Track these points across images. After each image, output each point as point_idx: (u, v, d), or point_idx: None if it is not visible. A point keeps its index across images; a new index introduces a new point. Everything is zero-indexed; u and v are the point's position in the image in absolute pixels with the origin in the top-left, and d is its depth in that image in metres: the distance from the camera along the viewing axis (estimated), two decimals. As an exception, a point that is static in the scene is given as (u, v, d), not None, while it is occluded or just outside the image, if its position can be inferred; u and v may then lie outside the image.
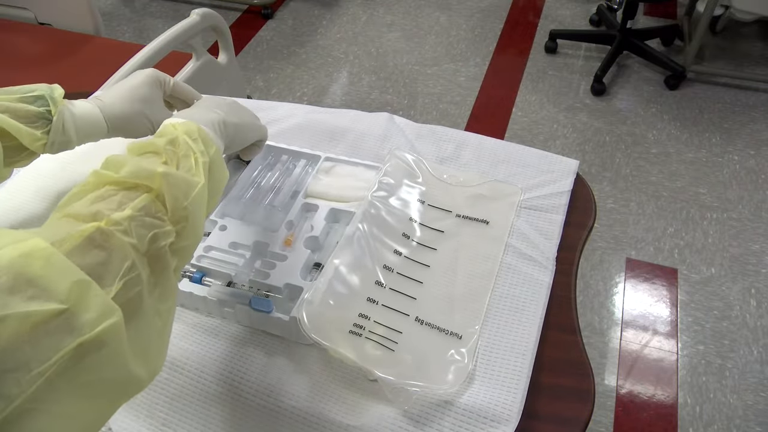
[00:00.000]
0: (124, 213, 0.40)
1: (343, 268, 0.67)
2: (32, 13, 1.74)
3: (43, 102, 0.62)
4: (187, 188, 0.46)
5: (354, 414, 0.58)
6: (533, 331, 0.63)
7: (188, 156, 0.49)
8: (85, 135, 0.65)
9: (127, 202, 0.42)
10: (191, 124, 0.53)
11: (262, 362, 0.63)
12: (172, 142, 0.49)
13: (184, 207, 0.44)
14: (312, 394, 0.60)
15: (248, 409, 0.59)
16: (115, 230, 0.39)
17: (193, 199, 0.46)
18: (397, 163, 0.80)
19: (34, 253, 0.34)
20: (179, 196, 0.45)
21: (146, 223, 0.41)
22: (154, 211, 0.43)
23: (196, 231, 0.46)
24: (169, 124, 0.53)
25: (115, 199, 0.42)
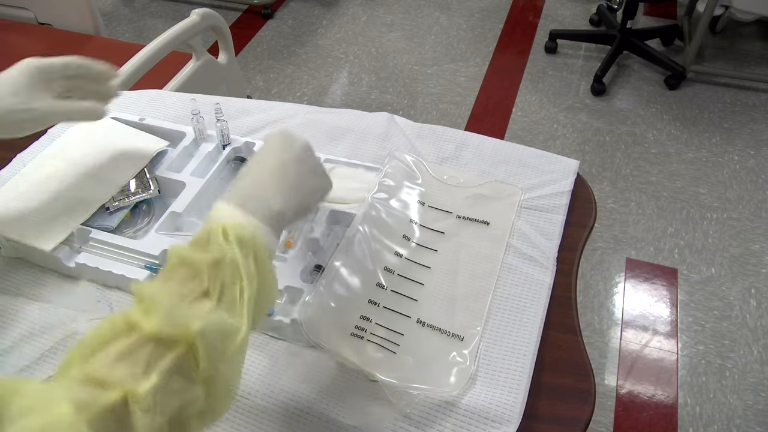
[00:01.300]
0: (149, 383, 0.37)
1: (343, 270, 0.67)
2: (32, 13, 1.74)
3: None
4: (225, 345, 0.41)
5: (354, 414, 0.58)
6: (534, 331, 0.63)
7: (234, 284, 0.43)
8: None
9: (155, 361, 0.38)
10: (245, 228, 0.46)
11: (262, 364, 0.63)
12: (217, 264, 0.43)
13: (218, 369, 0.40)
14: (313, 394, 0.60)
15: (249, 410, 0.59)
16: (138, 407, 0.36)
17: (231, 357, 0.41)
18: (397, 165, 0.80)
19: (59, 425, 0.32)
20: (214, 355, 0.40)
21: (173, 390, 0.38)
22: (186, 368, 0.39)
23: (229, 391, 0.42)
24: (218, 226, 0.45)
25: (142, 357, 0.38)
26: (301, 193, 0.54)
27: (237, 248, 0.44)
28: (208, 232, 0.46)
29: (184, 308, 0.41)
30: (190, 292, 0.42)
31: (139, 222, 0.76)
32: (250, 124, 0.88)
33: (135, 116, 0.89)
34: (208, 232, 0.46)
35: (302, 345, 0.64)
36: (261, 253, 0.46)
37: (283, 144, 0.56)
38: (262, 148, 0.56)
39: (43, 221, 0.73)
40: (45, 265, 0.73)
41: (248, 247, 0.45)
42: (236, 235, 0.45)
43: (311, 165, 0.57)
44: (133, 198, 0.76)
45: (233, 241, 0.44)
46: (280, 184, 0.52)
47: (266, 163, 0.54)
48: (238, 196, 0.49)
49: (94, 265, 0.68)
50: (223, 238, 0.45)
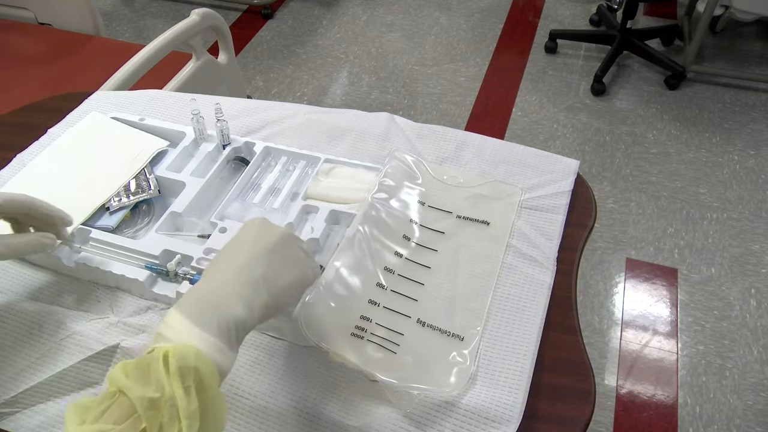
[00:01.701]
0: None
1: (344, 270, 0.67)
2: (32, 13, 1.74)
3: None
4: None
5: (355, 414, 0.58)
6: (534, 331, 0.63)
7: (173, 426, 0.40)
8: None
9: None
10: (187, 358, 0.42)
11: (262, 363, 0.63)
12: (154, 404, 0.40)
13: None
14: (313, 394, 0.60)
15: (249, 410, 0.59)
16: None
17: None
18: (397, 165, 0.80)
19: None
20: None
21: None
22: None
23: None
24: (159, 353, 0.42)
25: None
26: (276, 287, 0.50)
27: (178, 382, 0.41)
28: (149, 359, 0.42)
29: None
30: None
31: (139, 222, 0.76)
32: (250, 124, 0.88)
33: (135, 116, 0.89)
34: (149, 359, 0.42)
35: (302, 345, 0.64)
36: (207, 381, 0.42)
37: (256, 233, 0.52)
38: (234, 237, 0.53)
39: (43, 221, 0.73)
40: (45, 265, 0.73)
41: (190, 377, 0.41)
42: (177, 365, 0.41)
43: (287, 256, 0.52)
44: (133, 198, 0.76)
45: (174, 373, 0.41)
46: (244, 284, 0.48)
47: (233, 257, 0.50)
48: (194, 303, 0.46)
49: (94, 265, 0.68)
50: (163, 367, 0.41)
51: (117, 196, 0.76)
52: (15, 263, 0.74)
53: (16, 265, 0.73)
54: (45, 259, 0.72)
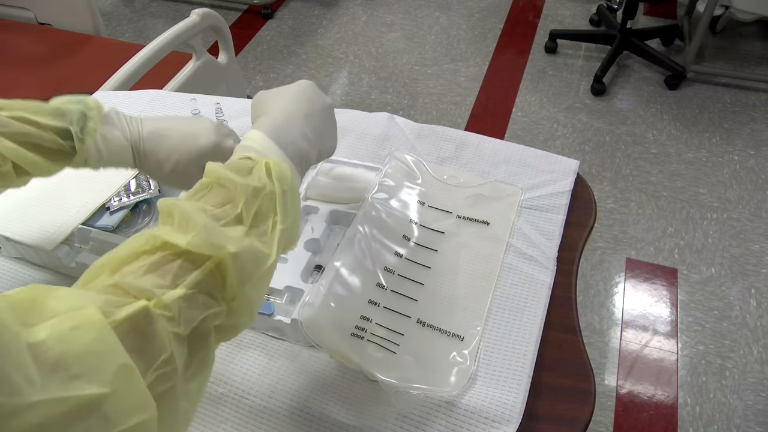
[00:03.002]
0: (175, 293, 0.37)
1: (344, 270, 0.67)
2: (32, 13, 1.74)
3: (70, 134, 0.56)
4: (254, 269, 0.42)
5: (355, 414, 0.58)
6: (534, 331, 0.63)
7: (268, 217, 0.45)
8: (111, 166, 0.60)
9: (183, 275, 0.39)
10: (286, 169, 0.47)
11: (262, 363, 0.63)
12: (257, 193, 0.44)
13: (245, 290, 0.41)
14: (313, 394, 0.60)
15: (249, 410, 0.59)
16: (162, 315, 0.36)
17: (257, 280, 0.42)
18: (397, 165, 0.80)
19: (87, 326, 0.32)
20: (243, 278, 0.41)
21: (198, 304, 0.39)
22: (211, 286, 0.40)
23: (251, 311, 0.43)
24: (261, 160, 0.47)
25: (170, 270, 0.39)
26: (323, 141, 0.57)
27: (278, 183, 0.46)
28: (248, 163, 0.46)
29: (220, 229, 0.41)
30: (225, 215, 0.43)
31: (139, 222, 0.76)
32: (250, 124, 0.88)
33: (135, 116, 0.88)
34: (247, 163, 0.46)
35: (302, 345, 0.64)
36: (295, 193, 0.48)
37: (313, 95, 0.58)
38: (292, 87, 0.57)
39: (43, 221, 0.73)
40: (45, 265, 0.73)
41: (287, 184, 0.46)
42: (278, 172, 0.46)
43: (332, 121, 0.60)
44: (133, 198, 0.76)
45: (275, 177, 0.46)
46: (309, 128, 0.54)
47: (296, 103, 0.55)
48: (272, 128, 0.51)
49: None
50: (265, 171, 0.46)
51: (117, 196, 0.76)
52: (15, 263, 0.74)
53: (16, 265, 0.73)
54: (45, 259, 0.72)
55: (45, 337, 0.31)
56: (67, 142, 0.56)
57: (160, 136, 0.60)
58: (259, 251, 0.43)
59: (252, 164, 0.46)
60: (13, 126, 0.53)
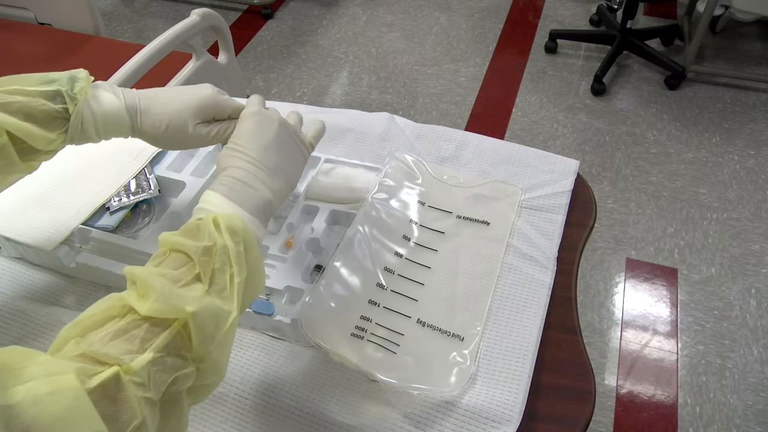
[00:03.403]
0: (144, 357, 0.38)
1: (344, 270, 0.67)
2: (32, 13, 1.74)
3: (62, 99, 0.55)
4: (216, 327, 0.42)
5: (355, 414, 0.58)
6: (534, 331, 0.63)
7: (224, 271, 0.45)
8: (108, 133, 0.59)
9: (150, 338, 0.39)
10: (236, 219, 0.47)
11: (263, 363, 0.63)
12: (208, 251, 0.44)
13: (209, 350, 0.42)
14: (313, 394, 0.60)
15: (249, 410, 0.59)
16: (132, 381, 0.37)
17: (222, 338, 0.43)
18: (397, 165, 0.80)
19: (63, 392, 0.32)
20: (206, 338, 0.41)
21: (167, 366, 0.39)
22: (179, 347, 0.40)
23: (218, 371, 0.44)
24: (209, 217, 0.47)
25: (137, 335, 0.39)
26: (286, 174, 0.56)
27: (228, 236, 0.46)
28: (198, 223, 0.47)
29: (177, 291, 0.42)
30: (183, 277, 0.43)
31: (139, 222, 0.76)
32: (250, 124, 0.88)
33: (135, 116, 0.88)
34: (198, 223, 0.47)
35: (302, 345, 0.64)
36: (250, 242, 0.47)
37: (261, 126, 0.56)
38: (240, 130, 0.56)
39: (43, 221, 0.73)
40: (45, 265, 0.73)
41: (239, 235, 0.46)
42: (227, 225, 0.46)
43: (289, 143, 0.58)
44: (134, 198, 0.76)
45: (224, 230, 0.46)
46: (264, 171, 0.53)
47: (249, 150, 0.54)
48: (225, 187, 0.51)
49: (94, 265, 0.68)
50: (214, 227, 0.46)
51: (117, 196, 0.76)
52: (15, 263, 0.74)
53: (16, 265, 0.73)
54: (45, 259, 0.72)
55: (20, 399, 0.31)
56: (59, 106, 0.55)
57: (155, 93, 0.60)
58: (219, 308, 0.43)
59: (201, 222, 0.47)
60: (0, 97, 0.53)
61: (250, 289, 0.48)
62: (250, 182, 0.52)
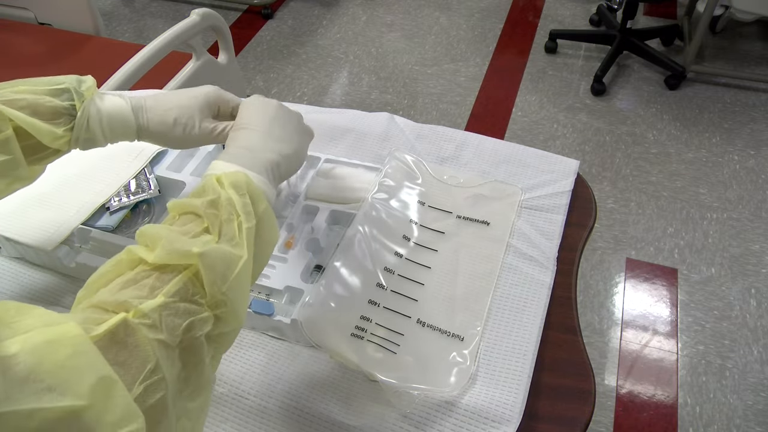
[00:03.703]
0: (154, 302, 0.37)
1: (344, 271, 0.67)
2: (32, 13, 1.74)
3: (69, 96, 0.56)
4: (227, 268, 0.42)
5: (355, 414, 0.58)
6: (534, 331, 0.63)
7: (231, 220, 0.45)
8: (114, 134, 0.59)
9: (160, 286, 0.39)
10: (239, 175, 0.48)
11: (262, 363, 0.63)
12: (213, 204, 0.45)
13: (224, 292, 0.41)
14: (313, 394, 0.60)
15: (248, 410, 0.59)
16: (142, 324, 0.36)
17: (234, 280, 0.42)
18: (398, 165, 0.80)
19: (63, 341, 0.32)
20: (217, 279, 0.41)
21: (180, 311, 0.38)
22: (191, 293, 0.40)
23: (237, 315, 0.43)
24: (212, 176, 0.48)
25: (147, 283, 0.39)
26: (291, 143, 0.58)
27: (233, 190, 0.46)
28: (203, 183, 0.48)
29: (182, 238, 0.42)
30: (191, 230, 0.44)
31: (139, 222, 0.76)
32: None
33: (135, 116, 0.88)
34: (202, 183, 0.48)
35: (302, 345, 0.64)
36: (256, 195, 0.48)
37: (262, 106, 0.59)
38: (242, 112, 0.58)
39: (43, 221, 0.73)
40: (45, 265, 0.73)
41: (243, 189, 0.47)
42: (230, 181, 0.47)
43: (291, 118, 0.60)
44: (134, 198, 0.76)
45: (227, 185, 0.47)
46: (270, 139, 0.55)
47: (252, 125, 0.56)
48: (231, 155, 0.52)
49: (94, 265, 0.68)
50: (218, 184, 0.47)
51: (117, 196, 0.76)
52: (15, 263, 0.74)
53: (16, 265, 0.73)
54: (45, 259, 0.72)
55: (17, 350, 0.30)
56: (66, 102, 0.56)
57: (161, 94, 0.62)
58: (228, 251, 0.43)
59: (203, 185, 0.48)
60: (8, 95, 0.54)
61: (262, 239, 0.47)
62: (257, 148, 0.53)
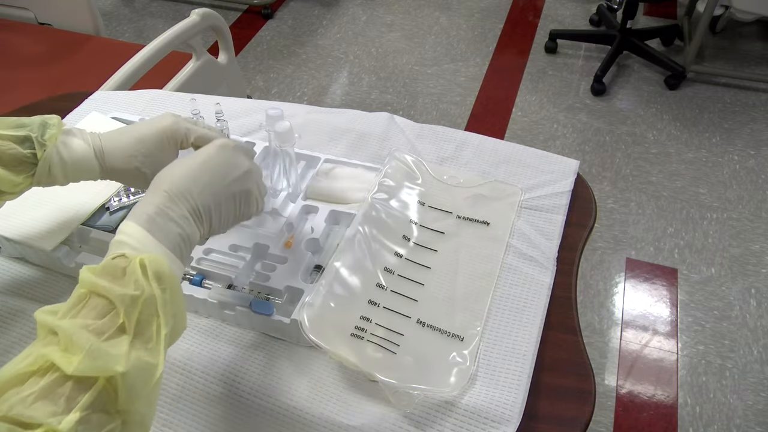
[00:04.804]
0: (71, 419, 0.37)
1: (343, 271, 0.67)
2: (32, 13, 1.74)
3: (31, 144, 0.57)
4: (143, 384, 0.42)
5: (354, 414, 0.58)
6: (534, 331, 0.63)
7: (150, 323, 0.43)
8: (76, 177, 0.60)
9: (76, 397, 0.38)
10: (162, 263, 0.45)
11: (262, 363, 0.63)
12: (135, 302, 0.42)
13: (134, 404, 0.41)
14: (312, 394, 0.60)
15: (249, 410, 0.59)
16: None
17: (149, 392, 0.42)
18: (397, 165, 0.80)
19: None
20: (132, 395, 0.41)
21: (93, 424, 0.39)
22: (104, 402, 0.40)
23: (144, 423, 0.43)
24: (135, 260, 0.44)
25: (62, 393, 0.38)
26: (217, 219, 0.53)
27: (156, 284, 0.44)
28: (124, 265, 0.44)
29: (104, 348, 0.40)
30: (107, 328, 0.41)
31: (139, 222, 0.76)
32: (250, 124, 0.89)
33: (135, 116, 0.89)
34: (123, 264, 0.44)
35: (302, 345, 0.64)
36: (175, 288, 0.46)
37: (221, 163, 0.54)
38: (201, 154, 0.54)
39: (43, 221, 0.73)
40: (45, 265, 0.73)
41: (165, 281, 0.45)
42: (154, 271, 0.44)
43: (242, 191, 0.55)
44: (133, 198, 0.76)
45: (152, 277, 0.44)
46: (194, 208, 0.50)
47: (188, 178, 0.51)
48: (146, 216, 0.48)
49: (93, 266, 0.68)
50: (141, 273, 0.44)
51: (117, 196, 0.76)
52: (15, 263, 0.74)
53: (16, 265, 0.73)
54: (45, 259, 0.72)
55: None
56: (27, 151, 0.57)
57: (119, 132, 0.61)
58: (147, 364, 0.42)
59: (125, 263, 0.44)
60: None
61: (174, 334, 0.46)
62: (174, 212, 0.49)
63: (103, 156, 0.59)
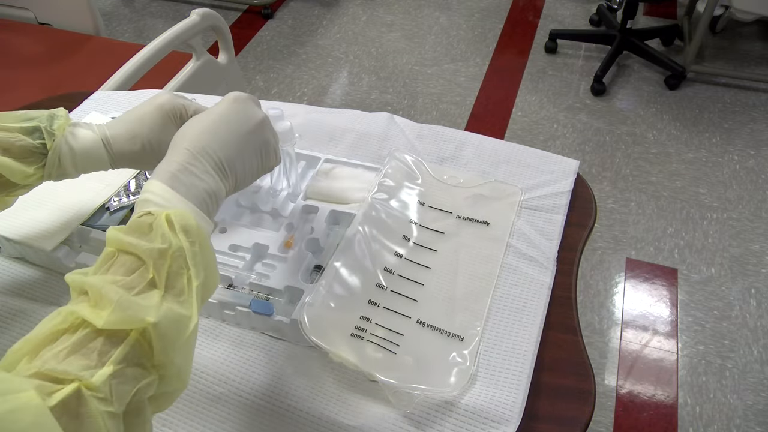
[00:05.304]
0: (104, 372, 0.37)
1: (343, 271, 0.67)
2: (32, 13, 1.74)
3: (40, 134, 0.57)
4: (178, 334, 0.41)
5: (354, 414, 0.58)
6: (534, 331, 0.63)
7: (181, 274, 0.43)
8: (87, 169, 0.60)
9: (108, 351, 0.38)
10: (188, 218, 0.45)
11: (262, 363, 0.63)
12: (163, 254, 0.42)
13: (171, 357, 0.40)
14: (312, 394, 0.60)
15: (248, 410, 0.59)
16: (93, 396, 0.36)
17: (183, 345, 0.41)
18: (397, 165, 0.80)
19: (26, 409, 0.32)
20: (167, 346, 0.40)
21: (129, 377, 0.38)
22: (139, 356, 0.39)
23: (181, 378, 0.42)
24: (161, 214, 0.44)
25: (94, 348, 0.38)
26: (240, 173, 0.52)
27: (184, 236, 0.44)
28: (150, 220, 0.44)
29: (135, 301, 0.40)
30: (137, 283, 0.41)
31: (139, 222, 0.76)
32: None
33: (135, 116, 0.88)
34: (149, 220, 0.44)
35: (302, 345, 0.64)
36: (204, 242, 0.46)
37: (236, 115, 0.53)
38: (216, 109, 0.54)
39: (43, 221, 0.73)
40: (45, 265, 0.73)
41: (193, 234, 0.44)
42: (181, 225, 0.44)
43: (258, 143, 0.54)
44: (133, 198, 0.76)
45: (179, 230, 0.44)
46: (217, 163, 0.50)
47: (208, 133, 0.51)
48: (169, 174, 0.47)
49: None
50: (168, 227, 0.43)
51: (117, 196, 0.76)
52: (15, 263, 0.74)
53: (16, 265, 0.73)
54: (45, 259, 0.72)
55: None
56: (37, 141, 0.57)
57: (119, 118, 0.61)
58: (179, 315, 0.42)
59: (151, 219, 0.44)
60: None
61: (206, 289, 0.46)
62: (197, 167, 0.48)
63: (110, 143, 0.59)
